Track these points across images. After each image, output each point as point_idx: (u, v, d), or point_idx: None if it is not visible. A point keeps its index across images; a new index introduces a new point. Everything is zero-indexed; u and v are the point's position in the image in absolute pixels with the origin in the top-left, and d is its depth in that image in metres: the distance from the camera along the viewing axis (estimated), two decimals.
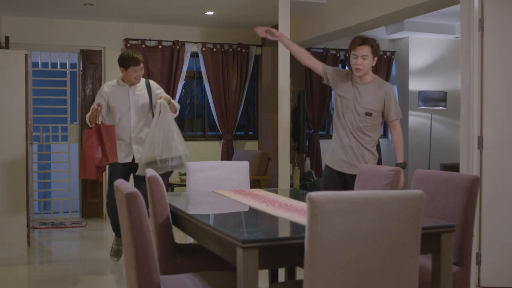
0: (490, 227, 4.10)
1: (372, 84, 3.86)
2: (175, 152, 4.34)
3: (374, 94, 3.82)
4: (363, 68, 3.78)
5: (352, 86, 3.88)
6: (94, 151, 4.34)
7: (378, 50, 3.86)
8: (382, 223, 1.89)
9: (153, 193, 2.71)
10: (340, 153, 3.88)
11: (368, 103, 3.81)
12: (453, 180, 2.81)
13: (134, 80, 4.56)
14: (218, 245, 2.23)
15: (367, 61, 3.77)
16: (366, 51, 3.76)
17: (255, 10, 6.62)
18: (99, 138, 4.38)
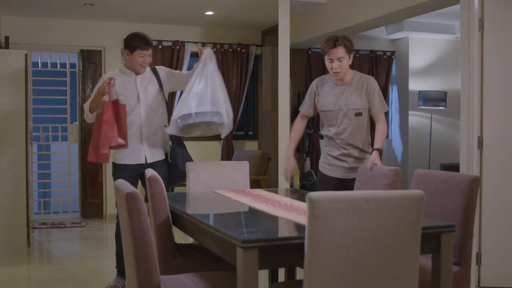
0: (490, 227, 4.10)
1: (353, 83, 3.68)
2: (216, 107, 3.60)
3: (359, 92, 3.66)
4: (341, 71, 3.60)
5: (333, 90, 3.70)
6: (111, 128, 3.68)
7: (352, 47, 3.65)
8: (382, 223, 1.89)
9: (153, 193, 2.71)
10: (338, 162, 3.74)
11: (356, 103, 3.64)
12: (453, 180, 2.81)
13: (138, 67, 3.87)
14: (218, 245, 2.23)
15: (343, 62, 3.58)
16: (340, 53, 3.55)
17: (255, 10, 6.62)
18: (116, 114, 3.71)
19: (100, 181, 7.35)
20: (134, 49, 3.80)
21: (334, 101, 3.68)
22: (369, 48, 7.78)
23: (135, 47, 3.80)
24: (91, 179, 7.33)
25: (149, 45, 3.84)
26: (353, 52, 3.72)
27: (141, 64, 3.84)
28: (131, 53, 3.83)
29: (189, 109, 3.54)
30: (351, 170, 3.70)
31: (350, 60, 3.63)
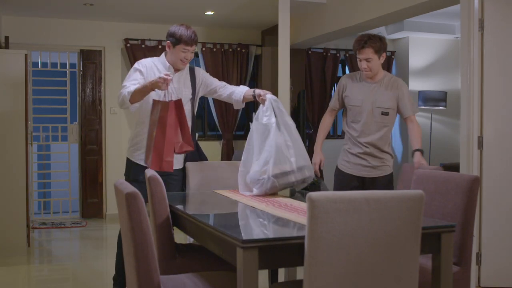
0: (490, 227, 4.10)
1: (384, 82, 3.71)
2: (306, 160, 3.14)
3: (388, 92, 3.69)
4: (370, 71, 3.65)
5: (363, 87, 3.73)
6: (175, 132, 3.28)
7: (383, 47, 3.64)
8: (382, 223, 1.89)
9: (153, 193, 2.71)
10: (357, 159, 3.74)
11: (384, 102, 3.68)
12: (453, 180, 2.81)
13: (179, 63, 3.51)
14: (218, 245, 2.23)
15: (372, 63, 3.61)
16: (368, 54, 3.59)
17: (255, 10, 6.62)
18: (178, 115, 3.31)
19: (100, 181, 7.35)
20: (178, 43, 3.44)
21: (362, 97, 3.70)
22: None
23: (179, 40, 3.43)
24: (91, 179, 7.33)
25: (195, 42, 3.49)
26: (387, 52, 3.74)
27: (182, 60, 3.50)
28: (173, 47, 3.46)
29: (287, 165, 3.05)
30: (370, 169, 3.72)
31: (381, 59, 3.64)
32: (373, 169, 3.72)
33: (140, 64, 3.51)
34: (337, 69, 7.87)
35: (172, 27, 3.49)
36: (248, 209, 2.74)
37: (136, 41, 7.24)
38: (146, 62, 3.55)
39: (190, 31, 3.46)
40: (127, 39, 7.20)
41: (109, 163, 7.33)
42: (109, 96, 7.31)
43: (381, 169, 3.73)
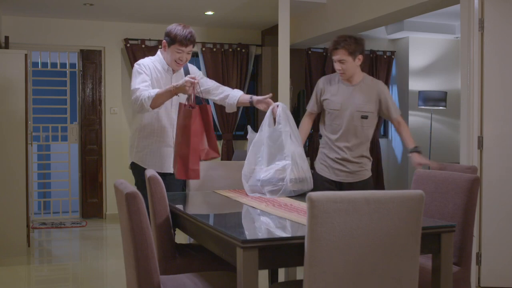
0: (490, 227, 4.10)
1: (363, 85, 3.58)
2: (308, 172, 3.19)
3: (368, 95, 3.56)
4: (344, 72, 3.52)
5: (341, 90, 3.61)
6: (200, 139, 3.16)
7: (359, 49, 3.49)
8: (382, 223, 1.89)
9: (153, 193, 2.71)
10: (335, 164, 3.63)
11: (363, 105, 3.54)
12: (453, 180, 2.81)
13: (174, 64, 3.42)
14: (218, 245, 2.23)
15: (346, 65, 3.48)
16: (341, 55, 3.46)
17: (255, 10, 6.62)
18: (204, 122, 3.20)
19: (100, 181, 7.35)
20: (172, 43, 3.35)
21: (341, 101, 3.58)
22: (369, 48, 7.77)
23: (174, 40, 3.34)
24: (91, 179, 7.33)
25: (191, 43, 3.37)
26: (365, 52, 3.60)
27: (177, 60, 3.40)
28: (168, 46, 3.38)
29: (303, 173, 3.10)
30: (348, 174, 3.61)
31: (357, 61, 3.52)
32: (350, 174, 3.61)
33: (142, 65, 3.40)
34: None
35: (169, 26, 3.40)
36: (248, 209, 2.74)
37: (136, 41, 7.24)
38: (145, 62, 3.44)
39: (186, 31, 3.35)
40: (127, 39, 7.20)
41: (109, 163, 7.33)
42: (109, 96, 7.31)
43: (359, 173, 3.62)
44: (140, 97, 3.21)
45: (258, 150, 3.19)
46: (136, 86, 3.28)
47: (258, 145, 3.21)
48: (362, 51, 3.52)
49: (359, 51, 3.49)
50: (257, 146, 3.20)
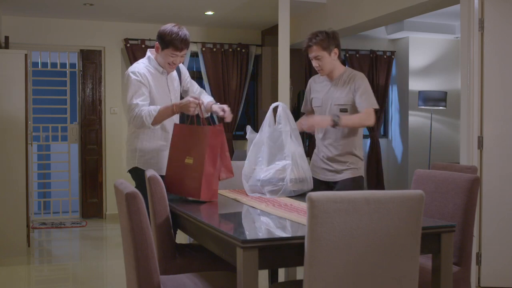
0: (490, 227, 4.10)
1: (342, 79, 3.47)
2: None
3: (345, 88, 3.43)
4: (322, 69, 3.45)
5: (323, 86, 3.56)
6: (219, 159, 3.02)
7: (333, 42, 3.41)
8: (382, 223, 1.89)
9: (153, 193, 2.71)
10: (322, 164, 3.55)
11: (340, 98, 3.43)
12: (453, 180, 2.81)
13: (167, 66, 3.34)
14: (218, 245, 2.23)
15: (322, 61, 3.42)
16: (315, 52, 3.43)
17: (255, 10, 6.62)
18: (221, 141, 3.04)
19: (100, 181, 7.35)
20: (166, 46, 3.24)
21: (322, 96, 3.54)
22: (369, 48, 7.78)
23: (168, 44, 3.23)
24: (91, 179, 7.33)
25: (185, 47, 3.28)
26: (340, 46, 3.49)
27: (170, 64, 3.32)
28: (162, 50, 3.27)
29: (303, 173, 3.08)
30: (334, 173, 3.49)
31: (334, 56, 3.43)
32: (337, 174, 3.48)
33: (139, 75, 3.25)
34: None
35: (163, 28, 3.26)
36: (248, 209, 2.74)
37: (136, 41, 7.24)
38: (140, 71, 3.28)
39: (181, 35, 3.23)
40: (127, 39, 7.20)
41: (109, 163, 7.33)
42: (109, 96, 7.31)
43: (345, 172, 3.46)
44: (140, 115, 3.14)
45: (258, 150, 3.18)
46: (134, 102, 3.18)
47: (258, 145, 3.19)
48: (336, 45, 3.44)
49: (333, 45, 3.42)
50: (257, 146, 3.19)
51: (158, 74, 3.35)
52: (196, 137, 3.01)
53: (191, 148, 3.01)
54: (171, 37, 3.21)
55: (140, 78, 3.24)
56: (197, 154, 2.96)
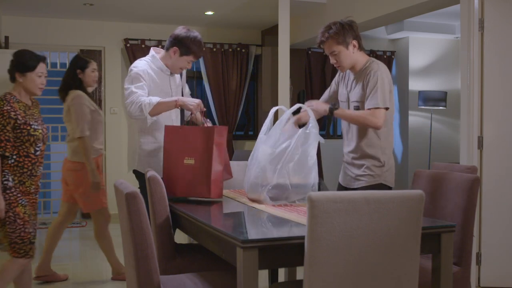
0: (490, 227, 4.10)
1: (361, 73, 3.10)
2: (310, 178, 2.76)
3: (360, 83, 3.08)
4: (340, 65, 3.13)
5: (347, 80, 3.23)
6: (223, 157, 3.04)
7: (349, 34, 3.04)
8: (382, 223, 1.89)
9: (153, 193, 2.71)
10: (344, 167, 3.23)
11: (354, 94, 3.09)
12: (453, 180, 2.81)
13: (178, 70, 3.41)
14: (218, 245, 2.23)
15: (340, 56, 3.08)
16: (330, 47, 3.08)
17: (255, 10, 6.62)
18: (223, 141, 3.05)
19: None
20: (187, 54, 3.30)
21: (345, 92, 3.21)
22: (369, 48, 7.77)
23: (191, 52, 3.30)
24: None
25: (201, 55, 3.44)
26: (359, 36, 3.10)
27: (182, 67, 3.40)
28: (180, 55, 3.30)
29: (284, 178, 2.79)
30: (351, 179, 3.14)
31: (353, 49, 3.06)
32: (353, 180, 3.11)
33: (141, 72, 3.26)
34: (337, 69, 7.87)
35: (185, 35, 3.29)
36: (248, 209, 2.74)
37: (136, 41, 7.24)
38: (143, 68, 3.29)
39: (202, 44, 3.34)
40: (127, 39, 7.20)
41: (109, 163, 7.33)
42: (109, 96, 7.31)
43: (360, 179, 3.08)
44: (138, 102, 3.13)
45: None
46: (133, 90, 3.19)
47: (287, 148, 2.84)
48: (355, 36, 3.06)
49: (350, 37, 3.04)
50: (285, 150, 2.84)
51: (161, 74, 3.35)
52: (196, 137, 2.99)
53: (189, 149, 2.99)
54: (197, 47, 3.30)
55: (141, 76, 3.25)
56: (199, 153, 2.96)
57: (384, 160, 3.04)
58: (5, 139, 3.06)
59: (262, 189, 2.76)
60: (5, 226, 3.15)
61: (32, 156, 3.17)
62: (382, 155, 3.05)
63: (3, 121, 3.07)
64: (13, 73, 3.25)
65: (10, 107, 3.12)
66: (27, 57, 3.21)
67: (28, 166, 3.16)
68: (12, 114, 3.10)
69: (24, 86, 3.24)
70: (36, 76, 3.22)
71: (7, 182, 3.10)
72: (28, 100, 3.28)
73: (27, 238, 3.22)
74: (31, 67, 3.20)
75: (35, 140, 3.15)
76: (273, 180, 2.74)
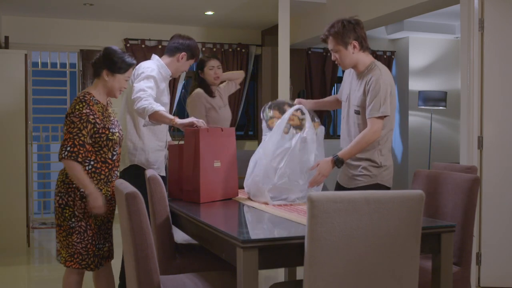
0: (490, 227, 4.10)
1: (363, 75, 3.07)
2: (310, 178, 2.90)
3: (361, 87, 3.04)
4: (341, 62, 3.07)
5: (351, 79, 3.20)
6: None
7: (349, 35, 3.00)
8: (382, 223, 1.89)
9: (153, 193, 2.71)
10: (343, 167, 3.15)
11: (355, 98, 3.06)
12: (453, 180, 2.81)
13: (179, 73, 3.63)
14: (218, 245, 2.23)
15: (339, 54, 3.03)
16: (330, 44, 3.03)
17: (255, 10, 6.62)
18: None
19: None
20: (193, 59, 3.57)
21: (347, 91, 3.18)
22: None
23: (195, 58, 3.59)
24: None
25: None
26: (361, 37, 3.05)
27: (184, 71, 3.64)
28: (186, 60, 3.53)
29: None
30: (348, 178, 3.14)
31: (352, 50, 3.03)
32: (350, 179, 3.11)
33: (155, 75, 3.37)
34: (337, 69, 7.88)
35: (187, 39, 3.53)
36: (248, 209, 2.74)
37: (136, 41, 7.24)
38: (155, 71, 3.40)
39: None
40: (127, 39, 7.20)
41: None
42: None
43: (357, 179, 3.07)
44: (144, 103, 3.19)
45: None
46: (145, 89, 3.26)
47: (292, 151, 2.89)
48: (356, 37, 3.01)
49: (350, 37, 3.00)
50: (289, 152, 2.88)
51: (165, 78, 3.52)
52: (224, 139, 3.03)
53: (219, 151, 2.99)
54: (199, 51, 3.60)
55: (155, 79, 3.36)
56: (225, 155, 3.01)
57: (381, 161, 3.04)
58: (79, 143, 2.80)
59: (263, 189, 2.78)
60: (72, 235, 2.90)
61: (110, 162, 2.94)
62: (379, 156, 3.05)
63: (80, 125, 2.81)
64: (100, 69, 2.96)
65: (89, 110, 2.86)
66: (121, 58, 2.96)
67: (105, 172, 2.93)
68: (90, 118, 2.84)
69: (108, 86, 2.97)
70: (123, 80, 2.99)
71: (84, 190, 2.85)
72: (105, 99, 3.03)
73: (92, 251, 2.95)
74: (123, 69, 2.96)
75: (113, 145, 2.93)
76: (273, 180, 2.77)
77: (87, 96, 2.91)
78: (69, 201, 2.86)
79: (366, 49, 3.10)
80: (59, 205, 2.88)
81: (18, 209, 5.18)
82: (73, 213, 2.87)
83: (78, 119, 2.82)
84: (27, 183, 5.26)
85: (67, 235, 2.90)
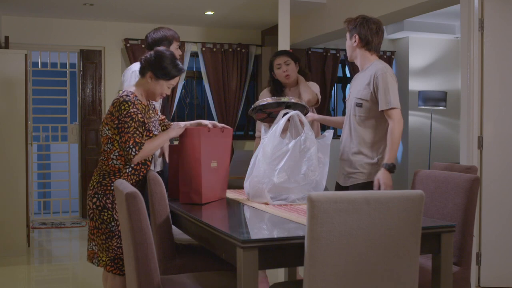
0: (490, 227, 4.10)
1: (367, 70, 3.16)
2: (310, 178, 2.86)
3: (365, 81, 3.13)
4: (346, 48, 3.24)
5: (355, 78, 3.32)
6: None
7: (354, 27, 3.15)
8: (382, 223, 1.89)
9: (153, 193, 2.71)
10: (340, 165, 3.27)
11: (358, 91, 3.15)
12: (453, 180, 2.81)
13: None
14: (218, 245, 2.23)
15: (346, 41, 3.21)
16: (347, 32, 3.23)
17: (255, 10, 6.62)
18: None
19: None
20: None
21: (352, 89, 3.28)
22: None
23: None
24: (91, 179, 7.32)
25: None
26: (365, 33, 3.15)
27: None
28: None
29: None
30: (344, 177, 3.20)
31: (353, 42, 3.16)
32: (346, 178, 3.18)
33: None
34: (337, 69, 7.88)
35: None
36: (248, 209, 2.74)
37: (136, 41, 7.24)
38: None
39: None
40: (127, 39, 7.20)
41: None
42: (109, 96, 7.31)
43: (352, 176, 3.15)
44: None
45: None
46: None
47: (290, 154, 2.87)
48: (359, 32, 3.12)
49: (355, 31, 3.14)
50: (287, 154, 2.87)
51: None
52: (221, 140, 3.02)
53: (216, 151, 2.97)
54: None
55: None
56: (221, 156, 3.00)
57: (378, 157, 3.12)
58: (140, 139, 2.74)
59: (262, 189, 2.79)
60: (113, 239, 2.79)
61: (148, 164, 2.89)
62: (375, 152, 3.14)
63: (133, 123, 2.72)
64: (146, 69, 2.86)
65: (136, 109, 2.76)
66: (171, 65, 2.84)
67: (144, 173, 2.87)
68: (139, 116, 2.76)
69: (149, 89, 2.88)
70: (166, 86, 2.88)
71: None
72: (145, 100, 2.93)
73: None
74: (169, 77, 2.86)
75: None
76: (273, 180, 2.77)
77: (130, 96, 2.81)
78: (107, 203, 2.78)
79: (372, 50, 3.19)
80: (96, 207, 2.78)
81: (18, 209, 5.18)
82: (112, 217, 2.78)
83: (129, 118, 2.72)
84: (27, 183, 5.26)
85: (107, 239, 2.80)
